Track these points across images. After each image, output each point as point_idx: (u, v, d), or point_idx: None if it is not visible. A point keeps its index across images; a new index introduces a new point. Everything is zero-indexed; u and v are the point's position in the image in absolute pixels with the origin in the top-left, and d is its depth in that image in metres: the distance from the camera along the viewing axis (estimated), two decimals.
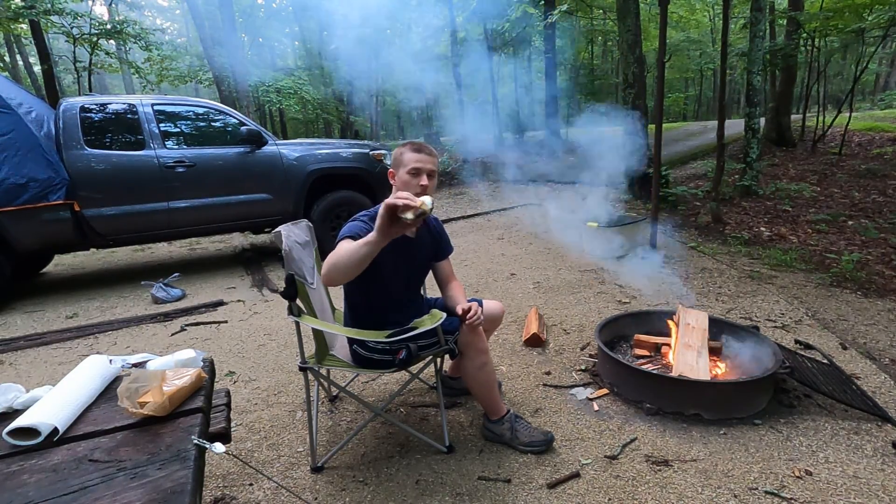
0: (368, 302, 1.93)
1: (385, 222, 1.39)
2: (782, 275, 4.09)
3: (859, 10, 7.66)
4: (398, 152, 1.86)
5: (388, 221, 1.39)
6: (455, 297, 1.97)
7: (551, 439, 1.95)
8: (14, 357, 3.15)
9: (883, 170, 7.56)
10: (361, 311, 1.96)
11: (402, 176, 1.80)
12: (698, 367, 2.21)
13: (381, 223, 1.39)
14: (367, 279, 1.72)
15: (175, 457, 1.02)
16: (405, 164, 1.80)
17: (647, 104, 7.41)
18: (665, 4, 4.29)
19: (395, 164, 1.85)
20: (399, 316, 1.85)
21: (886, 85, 21.54)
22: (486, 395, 1.94)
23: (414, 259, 1.97)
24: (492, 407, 1.97)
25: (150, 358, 1.44)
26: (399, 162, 1.82)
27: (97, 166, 4.27)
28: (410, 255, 1.93)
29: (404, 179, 1.79)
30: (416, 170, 1.79)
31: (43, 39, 9.86)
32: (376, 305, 1.93)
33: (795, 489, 1.69)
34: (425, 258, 2.03)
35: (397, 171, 1.83)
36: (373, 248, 1.44)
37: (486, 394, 1.94)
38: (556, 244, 5.29)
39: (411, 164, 1.79)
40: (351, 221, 1.76)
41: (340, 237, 1.66)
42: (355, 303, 1.96)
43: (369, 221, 1.73)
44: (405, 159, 1.81)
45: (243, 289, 4.40)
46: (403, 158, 1.81)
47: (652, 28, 15.58)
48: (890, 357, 2.69)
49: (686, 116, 25.40)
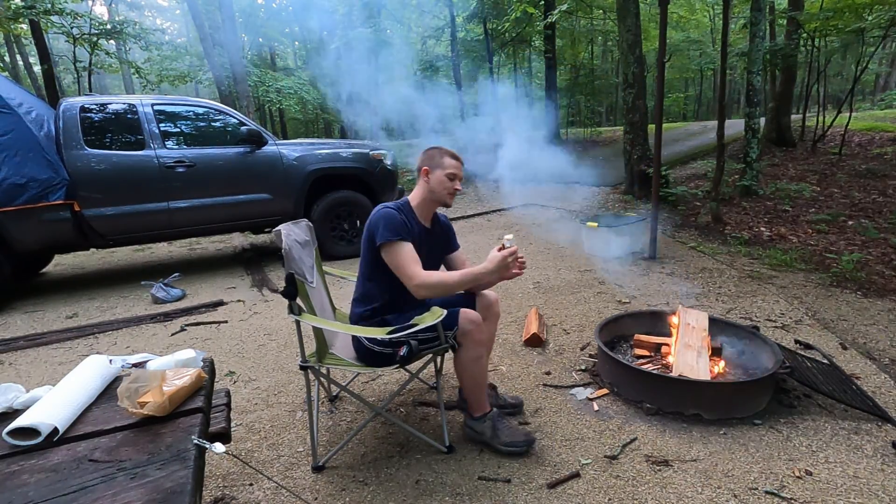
0: (392, 299, 1.95)
1: (504, 266, 1.78)
2: (782, 275, 4.09)
3: (859, 10, 7.66)
4: (435, 154, 1.99)
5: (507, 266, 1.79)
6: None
7: (532, 441, 1.95)
8: (14, 357, 3.15)
9: (883, 170, 7.55)
10: (383, 309, 1.96)
11: (439, 176, 1.96)
12: (698, 367, 2.21)
13: (501, 267, 1.77)
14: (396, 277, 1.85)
15: (175, 457, 1.02)
16: (445, 167, 1.96)
17: (647, 104, 7.40)
18: (665, 4, 4.29)
19: (430, 163, 1.98)
20: (415, 312, 1.86)
21: (886, 85, 21.53)
22: (474, 389, 1.95)
23: (432, 252, 2.07)
24: (477, 402, 1.98)
25: (150, 358, 1.44)
26: (437, 163, 1.97)
27: (97, 166, 4.26)
28: (430, 249, 2.03)
29: (440, 180, 1.96)
30: (453, 175, 1.97)
31: (43, 39, 9.85)
32: (398, 302, 1.94)
33: (795, 489, 1.69)
34: (441, 251, 2.15)
35: (433, 170, 1.97)
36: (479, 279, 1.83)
37: (475, 388, 1.95)
38: (555, 244, 5.30)
39: (450, 169, 1.96)
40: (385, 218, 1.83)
41: (392, 238, 1.79)
42: (378, 301, 1.96)
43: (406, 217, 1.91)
44: (445, 163, 1.97)
45: (243, 289, 4.40)
46: (443, 162, 1.97)
47: (652, 28, 15.58)
48: (890, 357, 2.69)
49: (686, 116, 25.39)
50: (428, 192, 1.98)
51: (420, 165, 2.00)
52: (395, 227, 1.81)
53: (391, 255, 1.82)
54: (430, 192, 1.98)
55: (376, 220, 1.85)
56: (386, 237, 1.80)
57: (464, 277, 1.83)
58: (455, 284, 1.84)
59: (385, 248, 1.82)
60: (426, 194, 1.99)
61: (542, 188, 8.76)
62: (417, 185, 2.02)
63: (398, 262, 1.81)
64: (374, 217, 1.86)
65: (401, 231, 1.82)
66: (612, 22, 14.89)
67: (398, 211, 1.89)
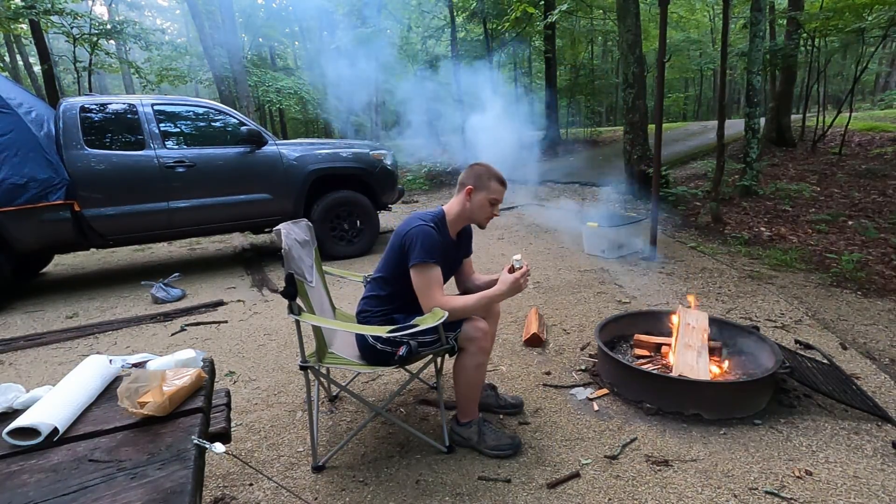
0: (405, 304, 1.94)
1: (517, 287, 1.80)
2: (782, 275, 4.09)
3: (859, 10, 7.65)
4: (483, 174, 1.95)
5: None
6: (480, 277, 2.19)
7: (518, 444, 1.96)
8: (14, 357, 3.15)
9: (883, 170, 7.55)
10: (395, 312, 1.96)
11: (482, 199, 1.94)
12: (698, 367, 2.21)
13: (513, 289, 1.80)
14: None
15: (175, 457, 1.02)
16: (490, 191, 1.94)
17: (647, 104, 7.40)
18: (665, 4, 4.28)
19: (476, 182, 1.94)
20: (420, 313, 1.86)
21: (886, 85, 21.53)
22: (469, 395, 1.95)
23: (454, 259, 2.08)
24: (467, 408, 1.98)
25: (150, 358, 1.44)
26: (483, 185, 1.94)
27: (97, 166, 4.26)
28: (452, 260, 2.05)
29: (482, 203, 1.94)
30: (496, 200, 1.96)
31: (43, 39, 9.85)
32: (411, 306, 1.92)
33: (795, 489, 1.69)
34: (461, 257, 2.17)
35: (477, 191, 1.94)
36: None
37: (470, 394, 1.95)
38: (556, 244, 5.30)
39: (494, 194, 1.95)
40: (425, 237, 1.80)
41: (426, 260, 1.78)
42: (392, 304, 1.96)
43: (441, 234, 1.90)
44: (491, 187, 1.94)
45: (243, 289, 4.40)
46: (489, 185, 1.94)
47: (652, 28, 15.57)
48: (890, 357, 2.69)
49: (686, 116, 25.37)
50: (467, 210, 1.96)
51: (464, 181, 1.95)
52: (431, 250, 1.80)
53: (420, 275, 1.81)
54: (469, 212, 1.96)
55: (415, 234, 1.82)
56: (421, 258, 1.78)
57: (479, 302, 1.83)
58: (471, 310, 1.84)
59: (417, 267, 1.80)
60: (464, 212, 1.97)
61: (542, 188, 8.76)
62: (456, 200, 1.97)
63: (424, 283, 1.81)
64: (413, 230, 1.83)
65: (435, 254, 1.81)
66: (612, 22, 14.87)
67: (436, 228, 1.87)
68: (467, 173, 1.97)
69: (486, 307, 1.90)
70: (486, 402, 2.23)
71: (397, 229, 1.92)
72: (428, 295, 1.80)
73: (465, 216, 1.98)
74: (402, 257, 1.86)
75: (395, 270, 1.91)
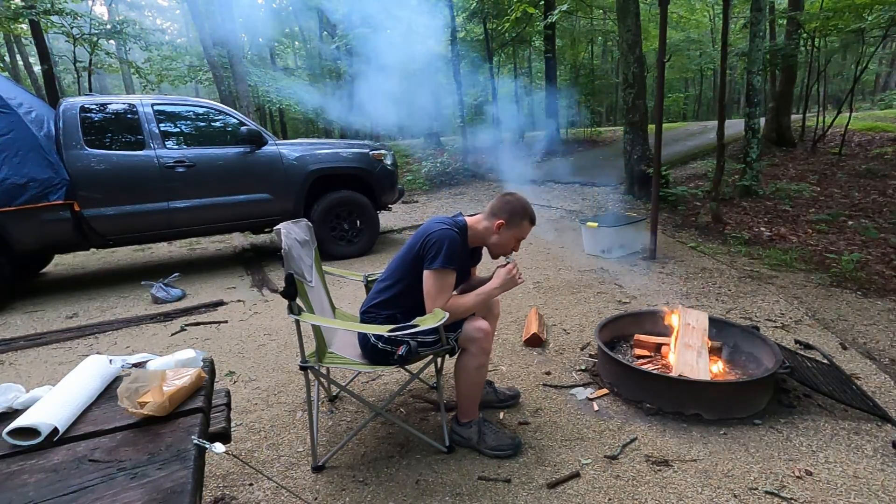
0: (415, 308, 1.92)
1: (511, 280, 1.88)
2: (782, 275, 4.09)
3: (859, 10, 7.65)
4: (518, 212, 1.92)
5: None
6: (474, 276, 2.18)
7: (518, 444, 1.95)
8: (14, 357, 3.15)
9: (883, 170, 7.55)
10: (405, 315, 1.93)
11: (509, 237, 1.93)
12: (698, 367, 2.21)
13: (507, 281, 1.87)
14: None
15: (175, 457, 1.02)
16: (521, 230, 1.94)
17: (647, 104, 7.40)
18: (665, 4, 4.29)
19: (510, 220, 1.91)
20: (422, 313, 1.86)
21: (886, 85, 21.54)
22: (470, 395, 1.95)
23: (464, 271, 2.08)
24: (468, 408, 1.98)
25: (150, 358, 1.44)
26: (515, 223, 1.92)
27: (97, 166, 4.26)
28: (465, 269, 2.06)
29: (508, 240, 1.94)
30: (521, 239, 1.98)
31: (43, 39, 9.86)
32: (420, 308, 1.90)
33: (795, 489, 1.69)
34: (468, 268, 2.15)
35: (509, 228, 1.92)
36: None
37: (471, 394, 1.95)
38: (555, 244, 5.30)
39: (523, 235, 1.96)
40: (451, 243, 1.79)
41: (447, 266, 1.78)
42: (402, 306, 1.94)
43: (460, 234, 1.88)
44: (522, 227, 1.94)
45: (243, 289, 4.40)
46: (521, 225, 1.93)
47: (652, 28, 15.56)
48: (890, 357, 2.69)
49: (686, 116, 25.37)
50: (490, 240, 1.95)
51: (497, 213, 1.92)
52: (454, 257, 1.79)
53: (436, 279, 1.79)
54: (492, 244, 1.96)
55: (440, 239, 1.79)
56: (443, 264, 1.76)
57: (478, 299, 1.85)
58: (472, 308, 1.86)
59: (437, 271, 1.78)
60: (486, 239, 1.96)
61: (542, 188, 8.76)
62: (484, 224, 1.94)
63: (437, 288, 1.79)
64: (439, 235, 1.80)
65: (455, 262, 1.80)
66: (612, 22, 14.88)
67: (460, 235, 1.87)
68: (502, 205, 1.92)
69: (485, 304, 1.91)
70: (487, 400, 2.23)
71: (420, 229, 1.90)
72: (436, 299, 1.79)
73: (486, 241, 1.97)
74: (418, 259, 1.84)
75: (414, 270, 1.88)
